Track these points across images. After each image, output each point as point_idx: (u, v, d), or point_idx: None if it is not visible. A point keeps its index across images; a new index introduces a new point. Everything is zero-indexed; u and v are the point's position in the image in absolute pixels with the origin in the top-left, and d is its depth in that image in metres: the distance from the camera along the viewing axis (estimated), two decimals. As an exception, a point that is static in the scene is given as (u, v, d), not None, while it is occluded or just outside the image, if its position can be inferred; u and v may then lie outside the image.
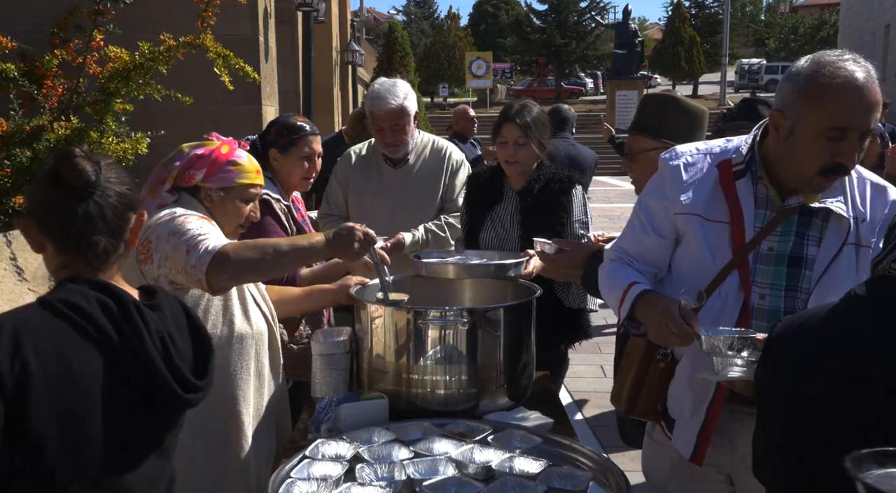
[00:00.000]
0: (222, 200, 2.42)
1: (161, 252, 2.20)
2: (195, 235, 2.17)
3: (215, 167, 2.39)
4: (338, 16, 17.39)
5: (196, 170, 2.38)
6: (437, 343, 2.46)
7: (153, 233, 2.24)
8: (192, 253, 2.14)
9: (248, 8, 5.49)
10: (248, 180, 2.45)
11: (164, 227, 2.23)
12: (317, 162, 3.24)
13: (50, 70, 4.39)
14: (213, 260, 2.12)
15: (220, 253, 2.13)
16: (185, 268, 2.16)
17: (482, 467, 1.97)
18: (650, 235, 2.26)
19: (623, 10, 34.01)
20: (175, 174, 2.39)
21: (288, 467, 2.00)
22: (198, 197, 2.43)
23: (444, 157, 4.00)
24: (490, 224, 3.42)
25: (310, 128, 3.21)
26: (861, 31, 25.86)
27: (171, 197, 2.40)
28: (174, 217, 2.26)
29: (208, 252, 2.13)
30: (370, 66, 19.55)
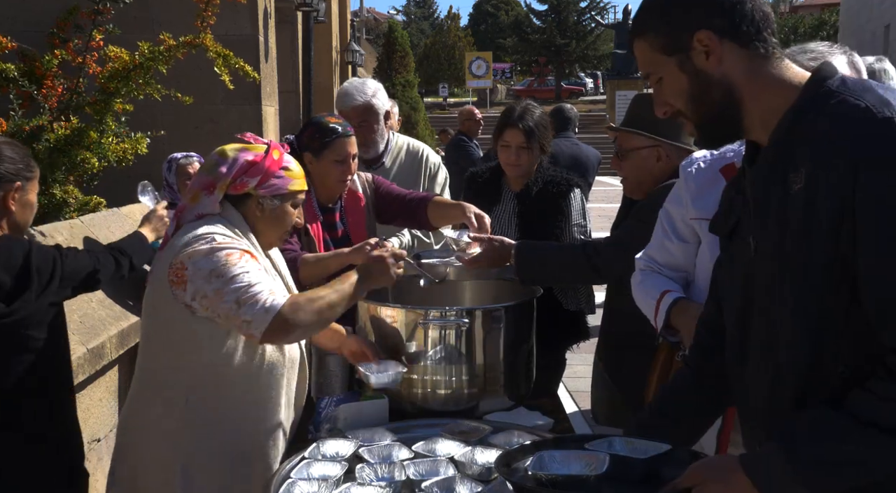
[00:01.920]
0: (275, 208, 2.29)
1: (197, 288, 2.10)
2: (245, 286, 2.08)
3: (269, 174, 2.26)
4: (338, 16, 17.40)
5: (249, 177, 2.24)
6: (437, 343, 2.46)
7: (190, 262, 2.11)
8: (245, 308, 2.06)
9: (248, 8, 5.49)
10: (298, 186, 2.34)
11: (204, 261, 2.11)
12: (352, 164, 3.09)
13: (50, 70, 4.39)
14: (273, 323, 2.06)
15: (279, 318, 2.07)
16: (233, 319, 2.08)
17: (484, 468, 1.97)
18: (674, 242, 2.33)
19: (623, 10, 34.07)
20: (227, 181, 2.24)
21: (288, 467, 2.00)
22: (243, 206, 2.28)
23: (421, 159, 3.96)
24: None
25: (342, 130, 3.06)
26: (861, 31, 25.85)
27: (218, 208, 2.26)
28: (214, 249, 2.12)
29: (266, 311, 2.06)
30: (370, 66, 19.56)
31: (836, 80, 1.42)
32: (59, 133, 4.07)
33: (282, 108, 7.03)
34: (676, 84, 1.52)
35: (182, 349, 2.20)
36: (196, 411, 2.20)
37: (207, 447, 2.20)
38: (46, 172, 3.93)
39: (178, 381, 2.20)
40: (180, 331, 2.18)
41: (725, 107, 1.50)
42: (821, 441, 1.32)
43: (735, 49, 1.47)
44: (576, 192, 3.40)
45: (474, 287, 3.00)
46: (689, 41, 1.48)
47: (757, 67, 1.48)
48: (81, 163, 4.09)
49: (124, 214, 4.37)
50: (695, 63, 1.49)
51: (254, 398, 2.25)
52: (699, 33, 1.47)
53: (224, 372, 2.20)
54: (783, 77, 1.48)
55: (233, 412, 2.22)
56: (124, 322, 3.36)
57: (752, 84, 1.48)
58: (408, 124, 11.72)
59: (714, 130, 1.55)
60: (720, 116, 1.52)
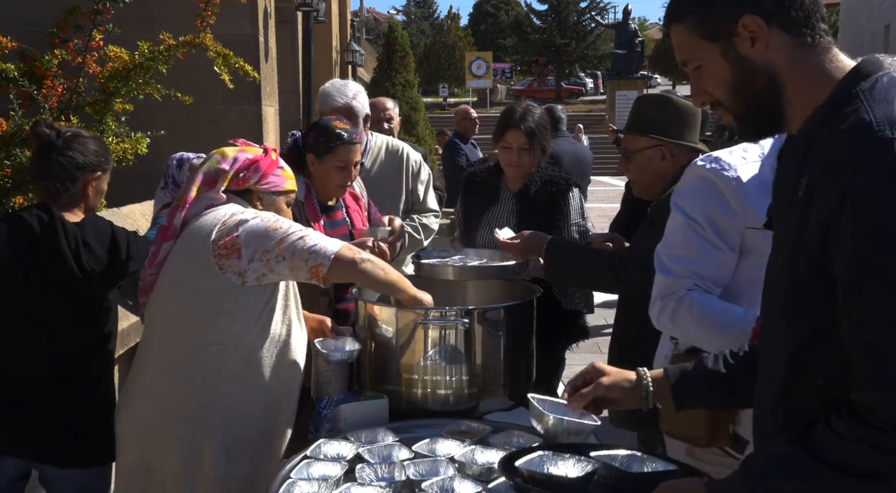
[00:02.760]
0: (273, 202, 2.52)
1: (256, 247, 2.29)
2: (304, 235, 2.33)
3: (269, 172, 2.51)
4: (338, 16, 17.39)
5: (251, 173, 2.47)
6: (437, 343, 2.46)
7: (241, 229, 2.31)
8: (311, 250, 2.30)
9: (248, 8, 5.49)
10: (291, 186, 2.59)
11: (254, 224, 2.32)
12: (353, 171, 3.15)
13: (50, 70, 4.39)
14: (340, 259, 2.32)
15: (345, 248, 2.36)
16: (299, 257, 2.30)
17: (484, 468, 1.97)
18: (726, 253, 2.14)
19: (623, 10, 34.09)
20: (229, 177, 2.45)
21: (288, 467, 2.01)
22: (248, 199, 2.49)
23: (402, 158, 4.00)
24: (486, 226, 3.41)
25: (348, 136, 3.10)
26: (861, 31, 25.85)
27: (223, 198, 2.44)
28: (257, 215, 2.37)
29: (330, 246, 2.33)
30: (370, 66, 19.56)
31: (869, 81, 1.34)
32: (59, 133, 4.06)
33: (282, 108, 7.03)
34: (718, 72, 1.44)
35: (220, 324, 2.32)
36: (230, 384, 2.33)
37: (239, 422, 2.32)
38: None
39: (214, 356, 2.32)
40: (222, 305, 2.32)
41: (768, 97, 1.42)
42: (774, 475, 1.32)
43: (782, 36, 1.39)
44: (574, 191, 3.41)
45: (474, 287, 3.00)
46: (734, 27, 1.40)
47: (802, 57, 1.40)
48: (81, 163, 4.08)
49: (124, 214, 4.37)
50: (739, 50, 1.41)
51: (283, 369, 2.42)
52: (745, 18, 1.38)
53: (259, 344, 2.36)
54: (826, 70, 1.40)
55: (264, 383, 2.37)
56: (124, 322, 3.35)
57: (795, 74, 1.40)
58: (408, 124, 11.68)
59: (756, 121, 1.47)
60: (762, 107, 1.44)
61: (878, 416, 1.20)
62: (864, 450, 1.22)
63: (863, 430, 1.21)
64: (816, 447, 1.27)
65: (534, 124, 3.32)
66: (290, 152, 3.18)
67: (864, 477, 1.23)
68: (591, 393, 1.80)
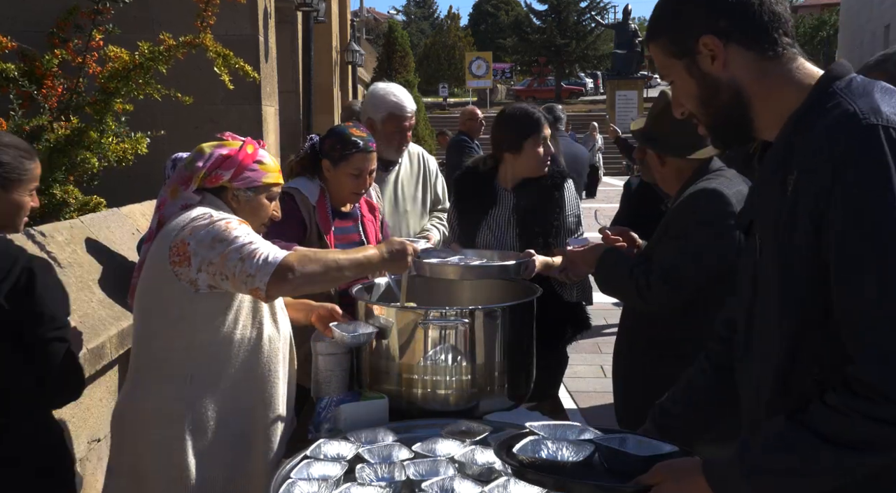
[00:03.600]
0: (250, 199, 2.43)
1: (203, 257, 2.20)
2: (246, 244, 2.20)
3: (242, 167, 2.40)
4: (338, 16, 17.38)
5: (224, 170, 2.38)
6: (437, 343, 2.46)
7: (191, 236, 2.23)
8: (249, 262, 2.17)
9: (248, 8, 5.48)
10: (273, 179, 2.47)
11: (205, 231, 2.23)
12: (368, 179, 3.15)
13: (50, 70, 4.39)
14: (277, 271, 2.16)
15: (283, 265, 2.17)
16: (239, 276, 2.17)
17: (484, 468, 1.97)
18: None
19: (623, 10, 34.09)
20: (201, 175, 2.37)
21: (288, 467, 2.01)
22: (222, 197, 2.42)
23: (423, 160, 4.10)
24: (486, 227, 3.40)
25: (364, 144, 3.10)
26: (861, 31, 25.84)
27: (196, 197, 2.38)
28: (214, 221, 2.25)
29: (269, 263, 2.16)
30: (370, 66, 19.54)
31: (845, 81, 1.41)
32: (59, 133, 4.07)
33: (282, 108, 7.03)
34: (686, 87, 1.54)
35: (182, 330, 2.29)
36: (199, 390, 2.29)
37: (211, 426, 2.29)
38: (46, 172, 3.93)
39: (180, 361, 2.29)
40: (181, 311, 2.27)
41: (734, 109, 1.50)
42: (769, 450, 1.35)
43: (741, 52, 1.47)
44: (569, 182, 3.43)
45: (474, 287, 3.00)
46: (695, 45, 1.48)
47: (766, 69, 1.47)
48: (81, 163, 4.08)
49: (124, 214, 4.37)
50: (701, 67, 1.49)
51: (254, 374, 2.36)
52: (704, 38, 1.47)
53: (225, 350, 2.30)
54: (794, 78, 1.47)
55: (234, 388, 2.32)
56: (124, 322, 3.36)
57: (760, 86, 1.47)
58: (408, 124, 11.68)
59: (725, 132, 1.56)
60: (729, 119, 1.52)
61: (870, 387, 1.24)
62: (858, 421, 1.25)
63: (856, 402, 1.25)
64: (812, 422, 1.30)
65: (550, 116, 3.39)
66: (307, 156, 3.19)
67: (861, 449, 1.26)
68: None
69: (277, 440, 2.43)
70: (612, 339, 3.18)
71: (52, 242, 3.41)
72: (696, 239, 2.53)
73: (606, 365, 6.21)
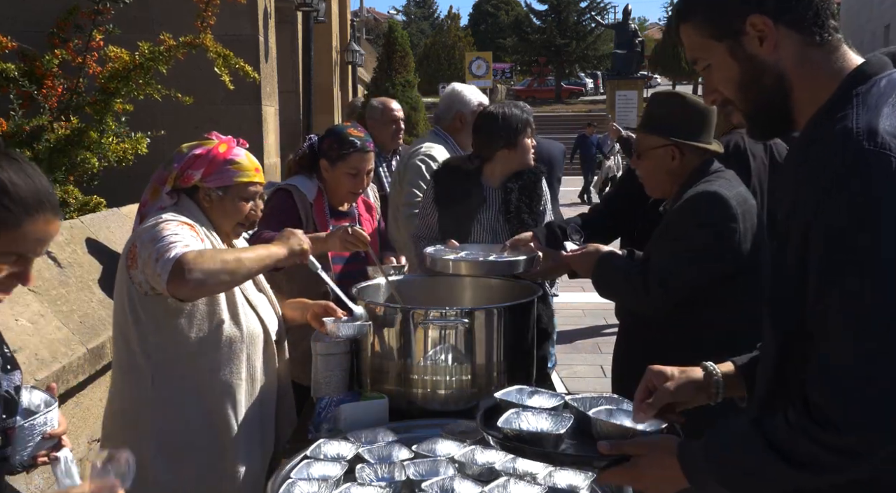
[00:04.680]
0: (221, 199, 2.40)
1: (142, 258, 2.20)
2: (166, 243, 2.15)
3: (213, 166, 2.37)
4: (338, 16, 17.39)
5: (194, 170, 2.37)
6: (437, 343, 2.46)
7: (138, 238, 2.25)
8: (159, 261, 2.12)
9: (248, 8, 5.49)
10: (247, 178, 2.42)
11: (147, 233, 2.24)
12: (365, 179, 3.16)
13: (50, 70, 4.39)
14: (173, 270, 2.09)
15: (178, 262, 2.09)
16: (152, 276, 2.16)
17: (484, 468, 1.97)
18: None
19: (623, 10, 34.07)
20: (174, 175, 2.37)
21: (288, 467, 2.01)
22: (196, 198, 2.42)
23: None
24: (478, 225, 3.39)
25: (361, 144, 3.11)
26: (861, 31, 25.83)
27: (171, 200, 2.39)
28: (157, 222, 2.25)
29: (167, 261, 2.10)
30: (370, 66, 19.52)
31: (868, 84, 1.34)
32: (60, 133, 4.08)
33: (282, 108, 7.03)
34: (726, 71, 1.44)
35: (141, 332, 2.31)
36: (161, 389, 2.31)
37: (178, 428, 2.31)
38: (46, 172, 3.93)
39: (141, 364, 2.32)
40: (137, 314, 2.29)
41: (775, 96, 1.42)
42: (730, 447, 1.37)
43: (790, 34, 1.38)
44: (542, 177, 3.49)
45: (474, 287, 3.00)
46: (742, 26, 1.39)
47: (809, 56, 1.39)
48: (81, 163, 4.09)
49: (124, 214, 4.37)
50: (747, 49, 1.40)
51: (218, 376, 2.37)
52: (752, 17, 1.38)
53: (183, 351, 2.31)
54: (832, 69, 1.38)
55: (199, 390, 2.34)
56: (124, 322, 3.36)
57: (802, 73, 1.39)
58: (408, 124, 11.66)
59: (764, 119, 1.48)
60: (770, 106, 1.44)
61: (821, 412, 1.24)
62: (804, 442, 1.26)
63: (807, 423, 1.25)
64: (769, 431, 1.31)
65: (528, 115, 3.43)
66: (306, 156, 3.21)
67: (798, 468, 1.28)
68: (658, 402, 1.69)
69: (257, 442, 2.44)
70: (612, 339, 3.18)
71: (52, 242, 3.41)
72: (695, 242, 2.53)
73: (606, 365, 6.21)
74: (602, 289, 2.81)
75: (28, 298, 2.97)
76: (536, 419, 1.75)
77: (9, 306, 2.82)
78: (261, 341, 2.49)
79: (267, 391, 2.53)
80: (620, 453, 1.53)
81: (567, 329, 7.07)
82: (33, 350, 2.72)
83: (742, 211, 2.55)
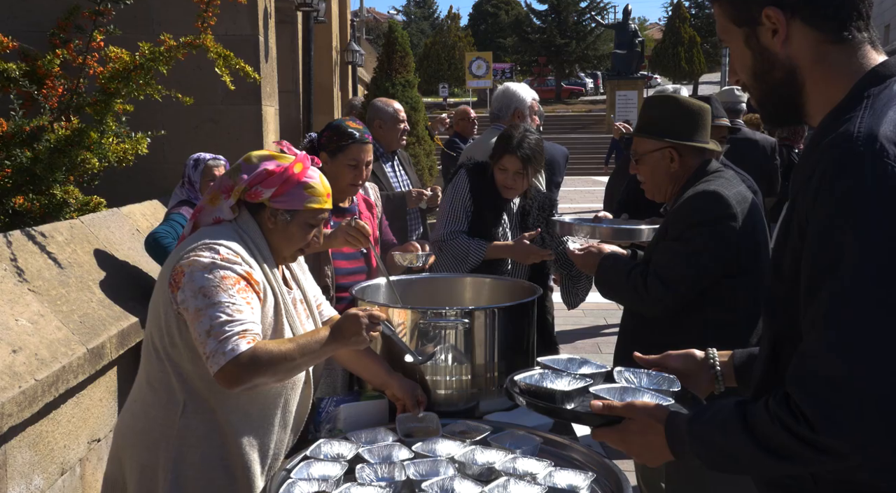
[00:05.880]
0: (287, 223, 2.20)
1: (185, 298, 2.05)
2: (224, 320, 2.00)
3: (286, 187, 2.18)
4: (338, 16, 17.39)
5: (265, 187, 2.16)
6: (438, 343, 2.46)
7: (189, 270, 2.06)
8: (212, 340, 1.99)
9: (248, 8, 5.49)
10: (318, 205, 2.22)
11: (199, 274, 2.05)
12: (365, 170, 3.16)
13: (51, 70, 4.39)
14: (225, 367, 1.97)
15: (233, 365, 1.97)
16: (198, 344, 2.03)
17: (484, 468, 1.97)
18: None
19: (623, 10, 34.07)
20: (242, 188, 2.17)
21: (288, 467, 2.01)
22: (259, 216, 2.21)
23: None
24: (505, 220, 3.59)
25: (360, 135, 3.14)
26: (861, 31, 25.88)
27: (232, 214, 2.20)
28: (214, 265, 2.06)
29: (225, 353, 1.97)
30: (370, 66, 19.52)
31: (881, 86, 1.33)
32: (60, 133, 4.07)
33: (282, 108, 7.03)
34: (741, 57, 1.46)
35: (177, 356, 2.14)
36: (191, 419, 2.15)
37: (196, 457, 2.15)
38: (46, 172, 3.93)
39: (176, 386, 2.16)
40: (173, 337, 2.13)
41: (786, 89, 1.43)
42: (712, 425, 1.40)
43: (805, 30, 1.38)
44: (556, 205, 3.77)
45: (474, 287, 3.00)
46: (758, 16, 1.39)
47: (827, 53, 1.38)
48: (82, 163, 4.08)
49: (124, 214, 4.37)
50: (760, 39, 1.41)
51: (248, 416, 2.19)
52: (768, 9, 1.38)
53: (217, 387, 2.09)
54: (849, 69, 1.37)
55: (226, 426, 2.16)
56: (124, 322, 3.36)
57: (817, 71, 1.39)
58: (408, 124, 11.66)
59: (773, 110, 1.49)
60: (780, 98, 1.45)
61: (798, 407, 1.26)
62: (777, 432, 1.29)
63: (783, 413, 1.28)
64: (749, 415, 1.35)
65: (529, 151, 3.44)
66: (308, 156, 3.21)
67: (770, 454, 1.31)
68: (661, 360, 1.84)
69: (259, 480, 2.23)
70: (613, 339, 3.18)
71: (52, 243, 3.41)
72: (694, 241, 2.53)
73: (607, 365, 6.21)
74: (604, 289, 2.82)
75: (28, 298, 2.97)
76: (560, 381, 1.85)
77: (9, 306, 2.82)
78: (301, 385, 2.31)
79: (296, 434, 2.36)
80: (612, 413, 1.57)
81: (567, 329, 7.08)
82: (33, 350, 2.72)
83: (741, 210, 2.55)
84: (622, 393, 1.69)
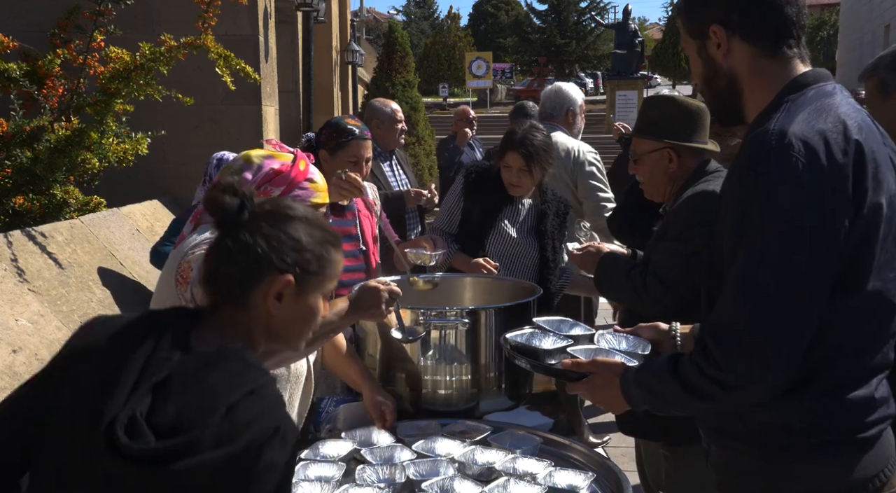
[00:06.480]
0: None
1: (195, 291, 2.01)
2: None
3: (293, 185, 2.20)
4: (338, 16, 17.38)
5: (274, 186, 2.17)
6: (438, 343, 2.46)
7: (195, 262, 2.05)
8: None
9: (248, 8, 5.49)
10: (321, 199, 2.26)
11: None
12: (365, 167, 3.16)
13: (51, 70, 4.39)
14: None
15: None
16: None
17: (484, 468, 1.98)
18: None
19: (623, 10, 34.01)
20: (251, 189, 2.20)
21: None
22: None
23: None
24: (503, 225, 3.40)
25: (359, 132, 3.14)
26: (861, 31, 25.82)
27: None
28: None
29: None
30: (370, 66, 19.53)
31: (798, 94, 1.57)
32: (60, 133, 4.07)
33: (282, 108, 7.03)
34: (696, 65, 1.72)
35: None
36: None
37: None
38: (46, 172, 3.93)
39: None
40: None
41: (728, 95, 1.68)
42: (650, 373, 1.67)
43: (743, 46, 1.62)
44: None
45: (474, 287, 3.01)
46: (706, 31, 1.65)
47: (762, 65, 1.62)
48: (82, 163, 4.09)
49: (124, 214, 4.37)
50: (708, 51, 1.67)
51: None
52: (714, 26, 1.63)
53: None
54: (778, 79, 1.61)
55: None
56: (125, 322, 3.36)
57: (754, 80, 1.63)
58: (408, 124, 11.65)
59: (720, 113, 1.78)
60: (724, 103, 1.71)
61: (711, 352, 1.52)
62: (695, 373, 1.55)
63: (700, 358, 1.54)
64: (678, 363, 1.61)
65: (532, 149, 3.33)
66: (304, 151, 3.21)
67: (689, 392, 1.57)
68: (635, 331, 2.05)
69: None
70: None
71: (52, 243, 3.42)
72: (693, 240, 2.53)
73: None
74: (604, 288, 2.82)
75: (28, 298, 2.97)
76: (546, 340, 2.06)
77: (9, 306, 2.82)
78: (303, 379, 2.31)
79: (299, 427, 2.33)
80: (579, 370, 1.80)
81: (567, 329, 7.09)
82: (33, 350, 2.72)
83: None
84: (595, 353, 1.89)
